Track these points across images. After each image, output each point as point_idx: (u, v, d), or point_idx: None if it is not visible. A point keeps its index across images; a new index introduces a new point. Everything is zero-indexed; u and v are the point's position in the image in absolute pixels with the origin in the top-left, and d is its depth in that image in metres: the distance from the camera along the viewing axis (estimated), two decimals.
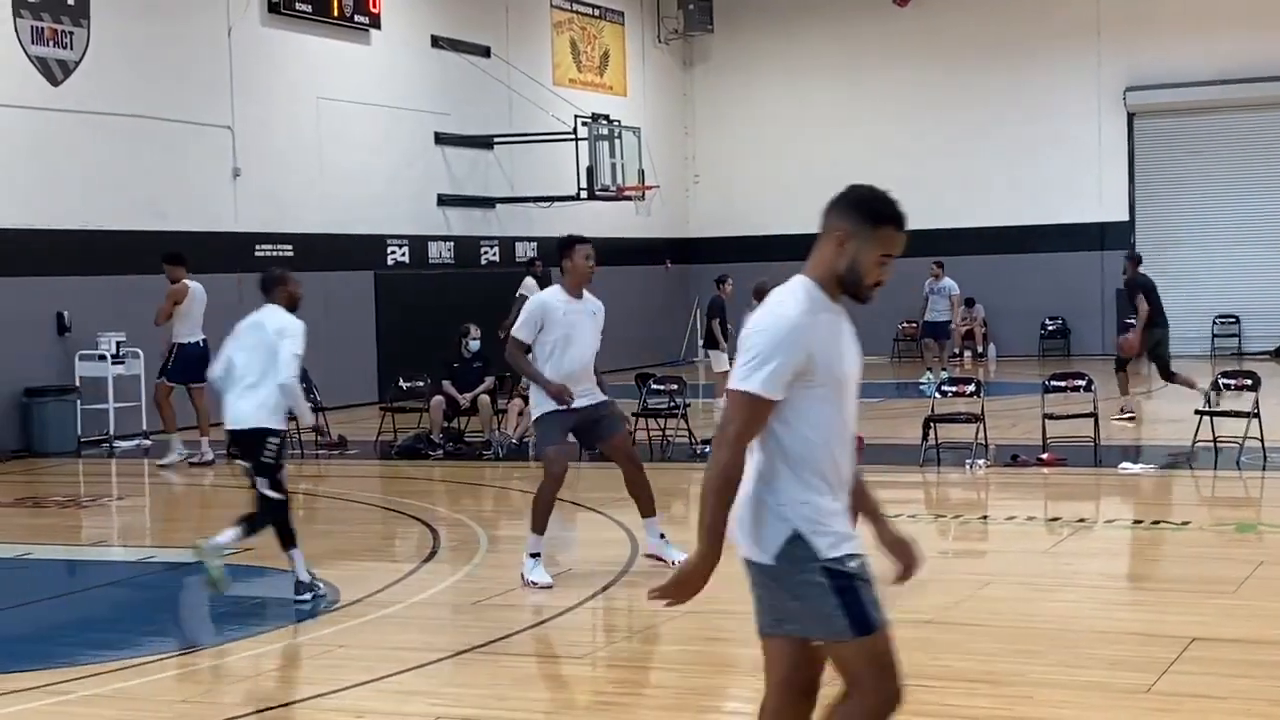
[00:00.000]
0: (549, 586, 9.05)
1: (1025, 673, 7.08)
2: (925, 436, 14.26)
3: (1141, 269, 18.34)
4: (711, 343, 20.56)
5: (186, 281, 16.18)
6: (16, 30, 17.31)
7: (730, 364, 19.91)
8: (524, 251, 25.11)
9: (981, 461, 13.91)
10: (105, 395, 17.56)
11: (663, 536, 9.69)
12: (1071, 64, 27.96)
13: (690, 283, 29.23)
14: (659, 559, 9.61)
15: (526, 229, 25.62)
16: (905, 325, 27.75)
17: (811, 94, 29.78)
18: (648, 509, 9.65)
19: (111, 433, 17.54)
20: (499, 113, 25.08)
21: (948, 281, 23.08)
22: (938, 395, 15.19)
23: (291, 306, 9.12)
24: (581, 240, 9.49)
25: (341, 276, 21.82)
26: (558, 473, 9.27)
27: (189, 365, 15.80)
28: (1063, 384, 15.22)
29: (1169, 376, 17.35)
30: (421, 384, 17.03)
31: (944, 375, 20.51)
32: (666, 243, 29.94)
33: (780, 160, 29.85)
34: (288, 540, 8.92)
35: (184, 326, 16.12)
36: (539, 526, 9.22)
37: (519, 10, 26.02)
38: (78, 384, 17.58)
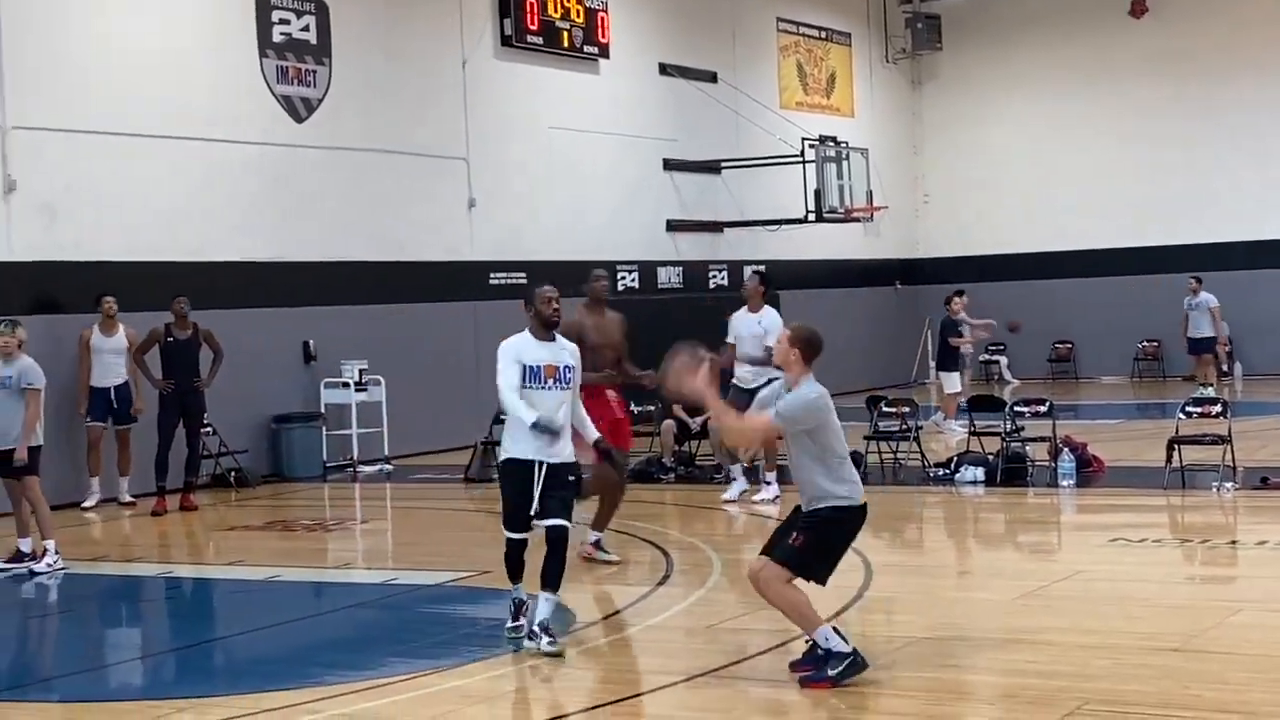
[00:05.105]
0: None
1: None
2: (1169, 459, 13.82)
3: None
4: (944, 363, 20.25)
5: None
6: (263, 70, 18.00)
7: (960, 384, 19.58)
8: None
9: (1229, 484, 13.42)
10: (349, 421, 18.09)
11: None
12: None
13: (920, 304, 28.85)
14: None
15: (754, 252, 25.63)
16: (1145, 344, 26.96)
17: (1043, 110, 29.17)
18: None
19: (355, 458, 18.06)
20: (726, 137, 25.17)
21: (1205, 295, 22.78)
22: (1181, 416, 14.69)
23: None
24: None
25: (574, 303, 22.08)
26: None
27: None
28: None
29: None
30: (652, 408, 17.15)
31: (1209, 390, 20.42)
32: (896, 264, 29.65)
33: (1011, 178, 29.31)
34: None
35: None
36: None
37: (745, 35, 26.10)
38: (323, 411, 18.17)
